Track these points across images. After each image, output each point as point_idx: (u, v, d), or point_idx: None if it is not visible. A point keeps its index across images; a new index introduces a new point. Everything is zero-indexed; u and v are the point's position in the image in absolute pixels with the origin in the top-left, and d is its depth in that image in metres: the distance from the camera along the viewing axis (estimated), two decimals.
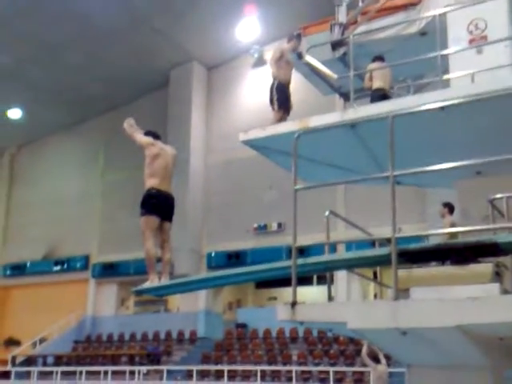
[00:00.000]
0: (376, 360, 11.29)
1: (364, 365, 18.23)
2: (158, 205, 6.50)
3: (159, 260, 6.62)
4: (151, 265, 6.38)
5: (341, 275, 20.51)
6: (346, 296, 21.12)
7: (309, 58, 7.84)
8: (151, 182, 6.54)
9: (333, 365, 19.26)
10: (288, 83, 8.01)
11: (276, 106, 7.79)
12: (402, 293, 4.07)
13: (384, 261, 4.46)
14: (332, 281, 20.06)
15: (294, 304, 4.39)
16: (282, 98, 7.80)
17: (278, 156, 7.29)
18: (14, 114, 29.70)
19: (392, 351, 5.27)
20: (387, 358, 11.27)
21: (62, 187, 30.21)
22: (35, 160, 31.78)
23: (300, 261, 4.89)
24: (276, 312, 4.66)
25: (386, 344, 4.73)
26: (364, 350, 11.40)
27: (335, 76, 8.10)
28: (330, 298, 5.37)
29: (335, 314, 4.26)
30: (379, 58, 7.83)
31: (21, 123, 30.27)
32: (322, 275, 21.93)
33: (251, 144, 7.17)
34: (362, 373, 18.12)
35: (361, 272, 6.70)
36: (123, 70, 26.58)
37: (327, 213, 5.95)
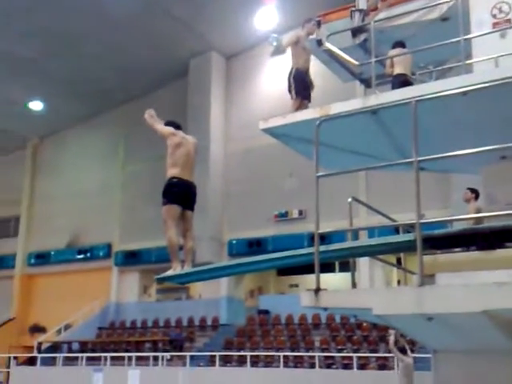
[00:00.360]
0: (403, 351, 11.30)
1: (388, 351, 18.33)
2: (180, 193, 6.50)
3: (181, 248, 6.65)
4: (174, 253, 6.41)
5: (363, 262, 20.51)
6: (368, 283, 21.11)
7: (329, 45, 7.79)
8: (173, 172, 6.56)
9: (356, 351, 19.26)
10: (306, 70, 7.98)
11: (293, 94, 7.77)
12: (427, 279, 4.08)
13: (408, 247, 4.47)
14: (355, 268, 19.98)
15: (317, 290, 4.41)
16: (299, 86, 7.78)
17: (298, 144, 7.29)
18: (36, 105, 29.94)
19: (418, 337, 5.29)
20: (412, 343, 11.30)
21: (83, 177, 30.51)
22: (57, 151, 32.11)
23: (323, 247, 4.92)
24: (299, 298, 4.69)
25: (412, 330, 4.76)
26: (391, 340, 11.41)
27: (356, 63, 8.05)
28: (354, 285, 5.38)
29: (360, 300, 4.29)
30: (400, 44, 7.77)
31: (42, 115, 30.54)
32: (345, 262, 21.92)
33: (271, 132, 7.16)
34: (385, 358, 18.13)
35: (384, 258, 6.69)
36: (143, 60, 26.61)
37: (350, 199, 5.98)
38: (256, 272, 17.86)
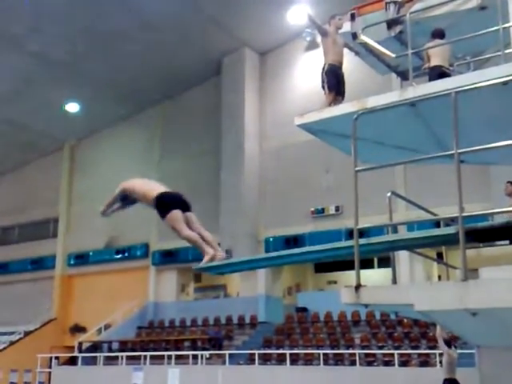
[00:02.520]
0: (448, 344, 11.12)
1: (430, 347, 18.09)
2: (171, 201, 6.65)
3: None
4: (198, 243, 6.37)
5: (403, 257, 20.29)
6: (409, 278, 20.86)
7: (364, 38, 7.70)
8: (155, 192, 6.77)
9: (397, 348, 19.02)
10: (339, 65, 7.92)
11: (326, 89, 7.74)
12: (470, 273, 3.98)
13: (450, 240, 4.38)
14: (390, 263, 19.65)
15: (357, 287, 4.35)
16: (332, 81, 7.74)
17: (334, 139, 7.21)
18: (72, 107, 30.34)
19: (461, 333, 5.19)
20: (455, 339, 11.11)
21: (120, 177, 30.24)
22: (94, 151, 32.51)
23: (362, 240, 4.85)
24: (339, 295, 4.63)
25: (455, 325, 4.66)
26: (438, 331, 11.25)
27: (392, 55, 7.94)
28: (395, 281, 5.29)
29: (402, 297, 4.21)
30: (439, 35, 7.61)
31: (79, 116, 30.91)
32: (384, 258, 21.81)
33: (307, 128, 7.10)
34: (427, 355, 17.89)
35: (424, 253, 6.58)
36: (177, 59, 26.78)
37: (389, 193, 5.89)
38: (293, 264, 17.76)
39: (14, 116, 30.27)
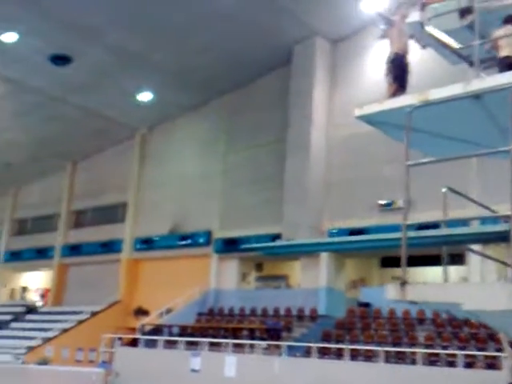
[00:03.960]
0: None
1: (497, 349, 17.19)
2: None
3: None
4: None
5: (474, 255, 19.36)
6: (479, 277, 19.96)
7: (430, 29, 7.36)
8: None
9: (462, 348, 18.19)
10: (405, 54, 7.72)
11: (390, 79, 7.57)
12: None
13: (502, 238, 3.97)
14: (464, 261, 18.82)
15: (403, 283, 4.02)
16: (396, 71, 7.57)
17: (395, 130, 6.92)
18: (145, 97, 30.79)
19: (510, 333, 4.75)
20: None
21: (186, 166, 31.12)
22: (164, 140, 32.94)
23: (412, 233, 4.60)
24: (386, 291, 4.33)
25: (504, 326, 4.23)
26: (503, 334, 10.62)
27: (457, 46, 7.53)
28: (446, 279, 4.91)
29: (450, 295, 3.88)
30: (509, 21, 7.02)
31: (150, 105, 31.41)
32: (452, 254, 20.88)
33: (367, 119, 6.87)
34: (494, 357, 16.99)
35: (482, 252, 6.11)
36: (247, 49, 26.70)
37: (444, 189, 5.68)
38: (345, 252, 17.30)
39: (91, 104, 31.09)
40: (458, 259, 19.58)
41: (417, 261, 18.60)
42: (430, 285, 4.60)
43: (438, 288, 4.44)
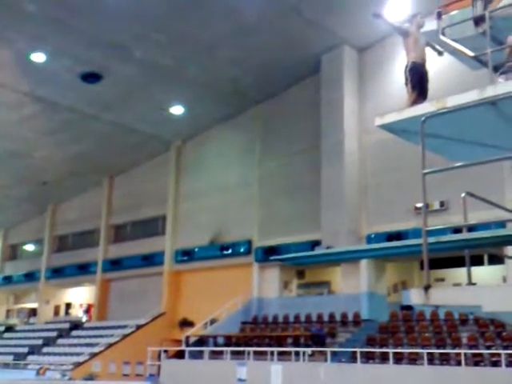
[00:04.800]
0: None
1: None
2: None
3: None
4: None
5: None
6: None
7: (443, 38, 7.59)
8: None
9: (506, 348, 18.21)
10: (423, 62, 7.91)
11: (409, 88, 7.72)
12: None
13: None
14: (503, 261, 18.76)
15: (427, 287, 4.28)
16: (415, 79, 7.73)
17: (417, 137, 7.15)
18: (177, 110, 31.29)
19: None
20: None
21: (223, 176, 31.52)
22: (198, 152, 33.47)
23: (432, 239, 4.89)
24: (410, 296, 4.60)
25: None
26: None
27: (471, 54, 7.78)
28: (470, 282, 5.14)
29: (470, 298, 4.12)
30: None
31: (183, 118, 31.97)
32: (494, 255, 20.85)
33: (388, 128, 7.11)
34: None
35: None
36: (275, 59, 27.01)
37: (463, 194, 5.92)
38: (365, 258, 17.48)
39: (125, 120, 31.69)
40: (497, 259, 19.57)
41: (453, 262, 18.71)
42: (452, 288, 4.88)
43: (459, 291, 4.61)
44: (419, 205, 23.67)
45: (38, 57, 26.11)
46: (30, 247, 44.66)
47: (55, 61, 26.44)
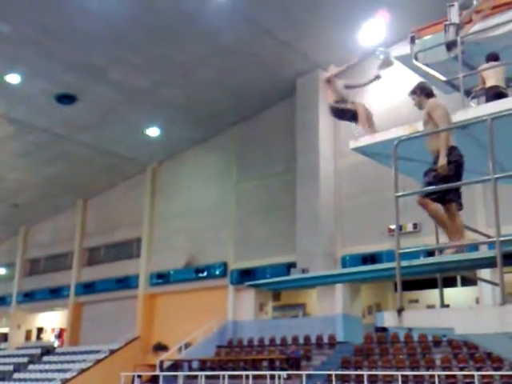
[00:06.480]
0: None
1: None
2: None
3: None
4: None
5: (486, 276, 19.50)
6: (491, 299, 20.10)
7: (415, 62, 7.83)
8: None
9: (479, 369, 18.37)
10: (343, 101, 9.56)
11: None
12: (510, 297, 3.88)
13: (489, 264, 4.29)
14: (475, 283, 18.96)
15: (400, 310, 4.33)
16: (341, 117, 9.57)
17: (389, 160, 7.31)
18: (153, 132, 31.28)
19: (503, 354, 5.05)
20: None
21: (199, 198, 31.46)
22: (174, 173, 33.38)
23: (404, 263, 4.94)
24: (383, 318, 4.63)
25: (496, 348, 4.55)
26: None
27: (443, 78, 8.00)
28: (443, 304, 5.21)
29: (442, 320, 4.17)
30: (492, 57, 7.57)
31: (159, 140, 31.95)
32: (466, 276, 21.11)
33: (362, 151, 7.31)
34: (510, 376, 17.16)
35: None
36: (252, 82, 27.25)
37: None
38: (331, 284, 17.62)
39: (100, 142, 31.59)
40: (470, 280, 19.72)
41: (427, 283, 18.77)
42: (424, 311, 4.92)
43: (431, 314, 4.65)
44: (393, 227, 23.88)
45: (13, 78, 25.99)
46: (1, 271, 43.85)
47: (30, 82, 26.34)
